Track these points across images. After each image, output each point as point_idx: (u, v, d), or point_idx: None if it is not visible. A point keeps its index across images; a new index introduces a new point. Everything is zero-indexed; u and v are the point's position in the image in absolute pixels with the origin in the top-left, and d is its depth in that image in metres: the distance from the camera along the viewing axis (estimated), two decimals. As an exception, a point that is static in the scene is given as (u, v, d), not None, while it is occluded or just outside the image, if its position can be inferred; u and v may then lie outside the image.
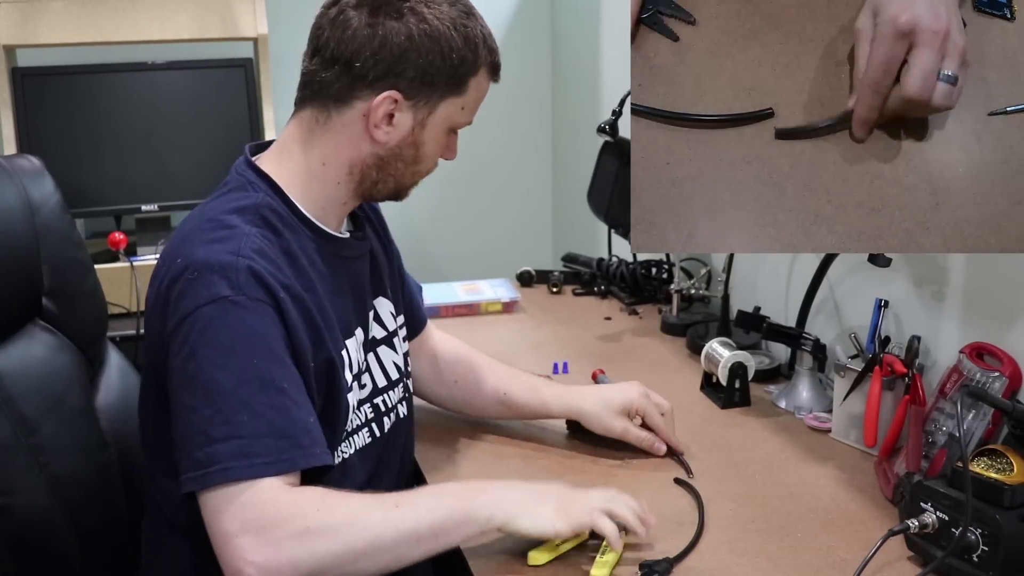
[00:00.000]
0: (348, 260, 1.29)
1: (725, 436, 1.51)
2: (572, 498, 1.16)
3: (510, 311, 2.13)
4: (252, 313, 1.09)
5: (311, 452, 1.09)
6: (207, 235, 1.14)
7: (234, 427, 1.05)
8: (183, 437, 1.08)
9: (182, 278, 1.10)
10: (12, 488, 1.31)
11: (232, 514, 1.04)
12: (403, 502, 1.10)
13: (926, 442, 1.29)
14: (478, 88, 1.23)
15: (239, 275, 1.09)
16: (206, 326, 1.08)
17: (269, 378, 1.08)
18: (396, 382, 1.38)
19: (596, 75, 2.70)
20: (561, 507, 1.14)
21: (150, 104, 2.43)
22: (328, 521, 1.05)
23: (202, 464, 1.05)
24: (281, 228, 1.18)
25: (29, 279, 1.37)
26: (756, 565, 1.15)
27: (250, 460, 1.05)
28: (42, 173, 1.42)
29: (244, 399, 1.06)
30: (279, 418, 1.07)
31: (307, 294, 1.17)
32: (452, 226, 3.08)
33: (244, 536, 1.03)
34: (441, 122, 1.22)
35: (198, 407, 1.07)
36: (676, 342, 1.93)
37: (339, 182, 1.23)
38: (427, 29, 1.16)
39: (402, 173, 1.25)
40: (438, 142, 1.24)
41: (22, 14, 2.29)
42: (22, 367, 1.36)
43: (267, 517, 1.04)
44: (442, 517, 1.10)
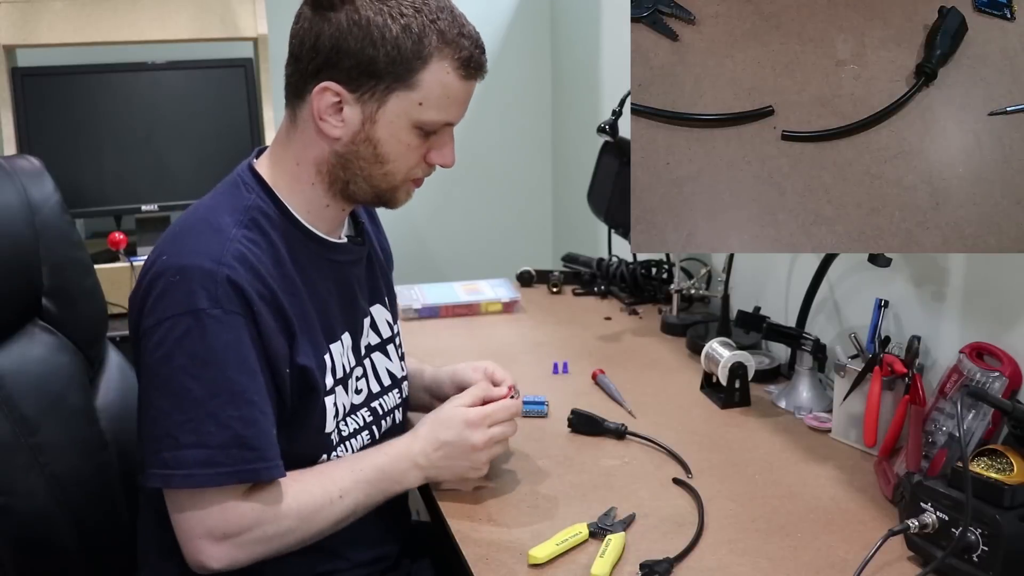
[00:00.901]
0: (340, 264, 1.30)
1: (725, 436, 1.51)
2: (462, 448, 1.27)
3: (510, 311, 2.13)
4: (227, 327, 1.12)
5: (274, 465, 1.16)
6: (195, 236, 1.17)
7: (202, 436, 1.11)
8: (151, 435, 1.14)
9: (164, 278, 1.14)
10: (12, 488, 1.31)
11: (196, 518, 1.14)
12: (345, 493, 1.21)
13: (926, 442, 1.29)
14: (439, 83, 1.17)
15: (218, 287, 1.12)
16: (183, 335, 1.12)
17: (240, 390, 1.13)
18: (390, 387, 1.39)
19: (596, 75, 2.70)
20: (465, 473, 1.28)
21: (150, 104, 2.43)
22: (285, 526, 1.17)
23: (168, 465, 1.12)
24: (269, 230, 1.21)
25: (29, 279, 1.37)
26: (756, 565, 1.15)
27: (215, 469, 1.12)
28: (42, 173, 1.42)
29: (213, 411, 1.11)
30: (246, 430, 1.13)
31: (288, 298, 1.19)
32: (452, 226, 3.08)
33: (206, 540, 1.14)
34: (395, 118, 1.18)
35: (169, 411, 1.12)
36: (676, 342, 1.93)
37: (312, 183, 1.24)
38: (357, 19, 1.15)
39: (369, 174, 1.22)
40: (399, 140, 1.20)
41: (22, 14, 2.29)
42: (22, 367, 1.36)
43: (230, 526, 1.14)
44: (376, 500, 1.24)
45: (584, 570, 1.12)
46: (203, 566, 1.15)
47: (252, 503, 1.16)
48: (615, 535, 1.17)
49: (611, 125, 1.98)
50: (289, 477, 1.18)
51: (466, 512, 1.27)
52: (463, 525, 1.23)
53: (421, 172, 1.26)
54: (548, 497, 1.31)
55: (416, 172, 1.25)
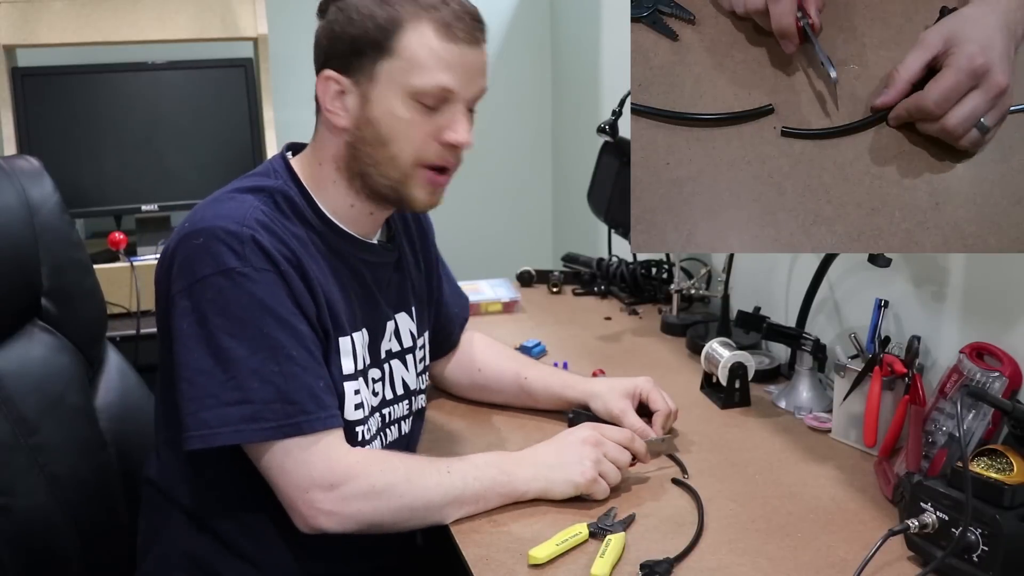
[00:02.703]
0: (365, 263, 1.30)
1: (725, 436, 1.51)
2: (580, 459, 1.27)
3: (510, 311, 2.13)
4: (259, 284, 1.14)
5: (316, 417, 1.15)
6: (217, 204, 1.20)
7: (246, 392, 1.12)
8: (191, 397, 1.14)
9: (189, 242, 1.16)
10: (11, 488, 1.31)
11: (303, 470, 1.14)
12: (453, 469, 1.22)
13: (926, 442, 1.29)
14: (422, 46, 1.17)
15: (244, 246, 1.14)
16: (216, 295, 1.13)
17: (279, 346, 1.14)
18: (402, 397, 1.39)
19: (596, 75, 2.70)
20: (575, 475, 1.25)
21: (150, 104, 2.43)
22: (392, 479, 1.18)
23: (209, 424, 1.12)
24: (291, 215, 1.23)
25: (28, 279, 1.37)
26: (756, 565, 1.15)
27: (259, 424, 1.12)
28: (41, 174, 1.42)
29: (255, 367, 1.13)
30: (287, 384, 1.14)
31: (313, 267, 1.21)
32: (452, 226, 3.07)
33: (316, 491, 1.14)
34: (387, 91, 1.19)
35: (210, 371, 1.13)
36: (676, 342, 1.93)
37: (334, 180, 1.26)
38: (342, 6, 1.20)
39: (376, 160, 1.22)
40: (396, 115, 1.19)
41: (22, 14, 2.29)
42: (21, 367, 1.36)
43: (336, 474, 1.15)
44: (485, 487, 1.23)
45: (584, 570, 1.12)
46: (316, 524, 1.15)
47: (357, 452, 1.20)
48: (615, 535, 1.17)
49: (611, 125, 1.98)
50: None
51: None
52: (463, 525, 1.23)
53: (434, 154, 1.22)
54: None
55: (426, 153, 1.22)
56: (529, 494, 1.25)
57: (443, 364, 1.60)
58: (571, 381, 1.54)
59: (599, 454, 1.27)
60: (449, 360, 1.60)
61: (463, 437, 1.51)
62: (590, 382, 1.53)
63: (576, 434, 1.30)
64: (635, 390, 1.47)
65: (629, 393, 1.46)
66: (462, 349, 1.61)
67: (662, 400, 1.46)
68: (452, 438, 1.51)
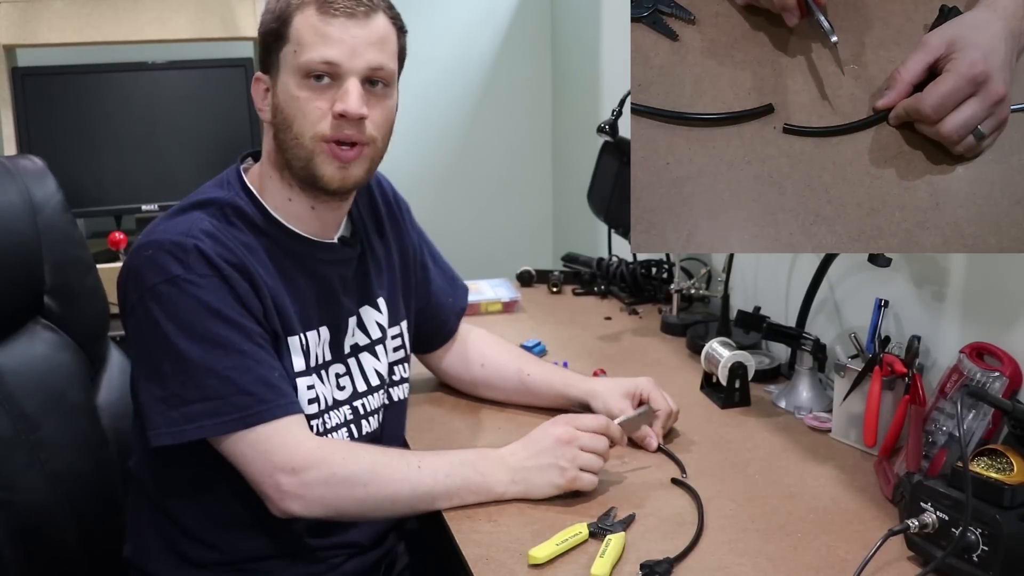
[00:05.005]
0: (322, 263, 1.33)
1: (725, 436, 1.51)
2: (556, 459, 1.27)
3: (510, 311, 2.13)
4: (204, 288, 1.20)
5: (276, 404, 1.21)
6: (167, 221, 1.26)
7: (204, 390, 1.19)
8: (156, 398, 1.20)
9: (140, 254, 1.22)
10: (12, 484, 1.32)
11: (263, 457, 1.19)
12: (424, 464, 1.25)
13: (926, 442, 1.29)
14: (307, 26, 1.23)
15: (188, 255, 1.20)
16: (166, 302, 1.19)
17: (230, 343, 1.20)
18: (376, 388, 1.40)
19: (596, 75, 2.71)
20: (554, 477, 1.27)
21: (150, 104, 2.44)
22: (354, 471, 1.21)
23: (177, 422, 1.19)
24: (240, 224, 1.27)
25: (31, 278, 1.38)
26: (756, 565, 1.15)
27: (222, 418, 1.19)
28: (44, 173, 1.42)
29: (210, 365, 1.19)
30: (242, 377, 1.20)
31: (260, 271, 1.25)
32: (452, 226, 3.08)
33: (280, 475, 1.19)
34: (285, 76, 1.25)
35: (171, 373, 1.19)
36: (676, 342, 1.94)
37: (271, 176, 1.31)
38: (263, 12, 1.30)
39: (286, 144, 1.26)
40: (292, 95, 1.24)
41: (22, 14, 2.29)
42: (23, 365, 1.36)
43: (296, 459, 1.19)
44: (457, 485, 1.25)
45: (584, 570, 1.12)
46: (285, 508, 1.19)
47: (320, 440, 1.25)
48: (615, 535, 1.17)
49: (611, 125, 1.98)
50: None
51: (466, 512, 1.26)
52: (463, 525, 1.23)
53: (329, 127, 1.24)
54: (548, 497, 1.31)
55: (323, 127, 1.24)
56: (508, 495, 1.27)
57: (441, 355, 1.61)
58: (572, 380, 1.55)
59: (574, 450, 1.27)
60: (448, 351, 1.61)
61: (463, 435, 1.51)
62: (591, 381, 1.54)
63: (549, 432, 1.29)
64: (636, 390, 1.48)
65: (629, 393, 1.48)
66: (463, 342, 1.62)
67: (663, 400, 1.47)
68: (452, 436, 1.51)
